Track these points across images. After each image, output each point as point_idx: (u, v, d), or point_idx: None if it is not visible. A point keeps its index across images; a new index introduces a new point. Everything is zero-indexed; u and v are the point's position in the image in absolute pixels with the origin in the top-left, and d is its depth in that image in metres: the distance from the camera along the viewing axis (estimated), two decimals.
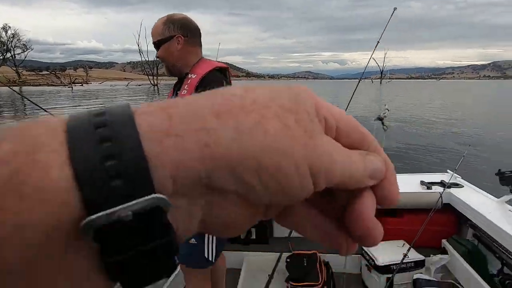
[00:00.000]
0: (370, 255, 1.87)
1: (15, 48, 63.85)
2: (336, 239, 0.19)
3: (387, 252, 1.85)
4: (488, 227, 1.65)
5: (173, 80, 1.48)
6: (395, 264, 1.72)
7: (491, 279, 1.66)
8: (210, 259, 1.34)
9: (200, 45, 1.37)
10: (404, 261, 1.67)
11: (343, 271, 2.10)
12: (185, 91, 1.26)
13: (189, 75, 1.28)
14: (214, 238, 1.33)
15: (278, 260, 1.82)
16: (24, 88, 46.86)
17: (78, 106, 18.33)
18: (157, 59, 1.39)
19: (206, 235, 1.32)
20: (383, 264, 1.78)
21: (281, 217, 0.19)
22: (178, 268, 1.84)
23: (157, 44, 1.29)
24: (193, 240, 1.32)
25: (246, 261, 2.11)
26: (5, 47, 61.71)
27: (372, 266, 1.84)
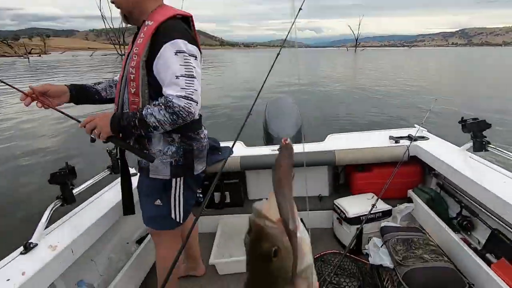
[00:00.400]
0: (341, 208, 1.93)
1: None
2: None
3: (357, 205, 1.92)
4: (449, 174, 1.73)
5: None
6: (364, 215, 1.79)
7: (451, 222, 1.78)
8: (178, 220, 1.30)
9: None
10: (372, 211, 1.73)
11: (317, 226, 2.18)
12: (141, 39, 1.12)
13: (146, 22, 1.14)
14: (181, 198, 1.28)
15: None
16: None
17: (40, 79, 16.86)
18: (122, 26, 1.23)
19: (172, 196, 1.26)
20: (353, 216, 1.84)
21: None
22: (149, 236, 1.81)
23: None
24: (158, 202, 1.26)
25: (221, 223, 2.11)
26: None
27: (343, 218, 1.90)
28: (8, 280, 0.99)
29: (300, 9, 1.32)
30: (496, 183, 1.43)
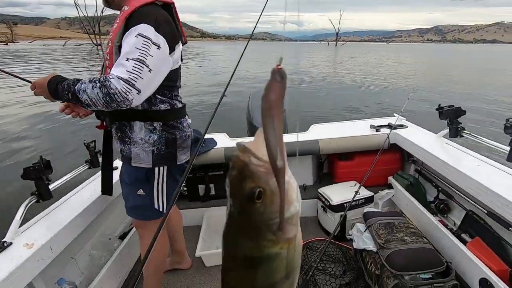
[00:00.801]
0: (325, 197, 1.97)
1: None
2: None
3: (340, 193, 1.96)
4: (427, 160, 1.80)
5: None
6: (347, 202, 1.83)
7: (428, 205, 1.86)
8: (161, 210, 1.28)
9: None
10: (355, 198, 1.77)
11: (302, 215, 2.21)
12: (116, 25, 1.07)
13: (123, 8, 1.08)
14: (164, 188, 1.26)
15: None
16: None
17: (10, 70, 15.83)
18: (97, 15, 1.16)
19: (155, 185, 1.24)
20: (336, 203, 1.88)
21: None
22: (132, 231, 1.78)
23: None
24: (141, 191, 1.24)
25: (206, 216, 2.10)
26: None
27: (327, 206, 1.94)
28: None
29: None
30: (470, 167, 1.50)
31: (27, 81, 1.21)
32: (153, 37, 1.00)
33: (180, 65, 1.24)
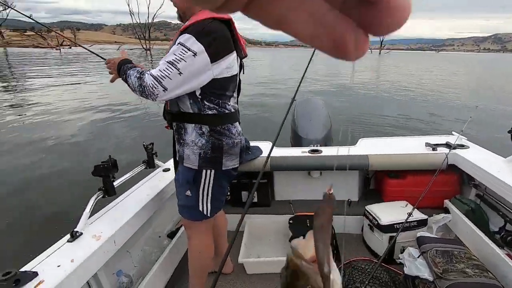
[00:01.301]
0: (373, 215, 1.89)
1: None
2: (341, 30, 0.13)
3: (390, 212, 1.86)
4: (493, 185, 1.64)
5: (166, 45, 1.41)
6: (399, 223, 1.73)
7: (492, 236, 1.69)
8: (205, 213, 1.35)
9: None
10: (407, 220, 1.67)
11: (345, 232, 2.14)
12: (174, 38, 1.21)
13: (187, 22, 1.18)
14: (209, 192, 1.33)
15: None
16: (9, 49, 44.55)
17: (73, 70, 17.71)
18: (149, 21, 1.34)
19: (201, 188, 1.31)
20: (386, 224, 1.79)
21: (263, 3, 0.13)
22: (180, 231, 1.86)
23: None
24: (188, 192, 1.33)
25: (248, 223, 2.12)
26: None
27: (375, 225, 1.85)
28: (59, 266, 1.03)
29: None
30: None
31: (102, 58, 1.47)
32: (190, 45, 1.11)
33: (234, 75, 1.28)
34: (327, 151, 2.14)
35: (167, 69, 1.11)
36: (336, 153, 2.18)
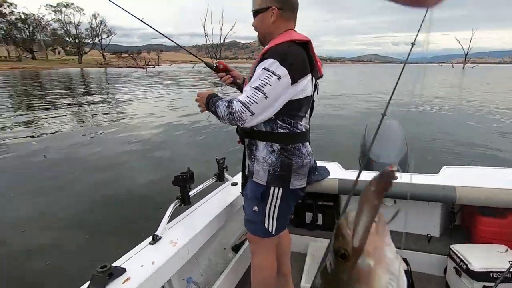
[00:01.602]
0: (461, 257, 1.62)
1: (101, 34, 72.19)
2: None
3: (485, 257, 1.58)
4: None
5: (235, 63, 1.49)
6: (498, 271, 1.45)
7: None
8: (270, 230, 1.34)
9: (295, 20, 1.32)
10: (510, 269, 1.39)
11: (423, 271, 1.88)
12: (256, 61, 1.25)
13: (266, 46, 1.23)
14: (276, 209, 1.32)
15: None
16: (109, 68, 53.14)
17: (155, 86, 20.32)
18: (221, 41, 1.42)
19: (268, 205, 1.31)
20: (479, 270, 1.52)
21: None
22: (244, 245, 1.88)
23: (254, 13, 1.30)
24: (255, 208, 1.34)
25: (311, 246, 2.04)
26: (94, 33, 69.95)
27: (464, 270, 1.59)
28: (142, 266, 1.14)
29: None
30: None
31: (208, 65, 1.60)
32: (275, 69, 1.13)
33: (308, 97, 1.29)
34: (404, 177, 1.94)
35: (254, 94, 1.14)
36: (415, 180, 1.96)
